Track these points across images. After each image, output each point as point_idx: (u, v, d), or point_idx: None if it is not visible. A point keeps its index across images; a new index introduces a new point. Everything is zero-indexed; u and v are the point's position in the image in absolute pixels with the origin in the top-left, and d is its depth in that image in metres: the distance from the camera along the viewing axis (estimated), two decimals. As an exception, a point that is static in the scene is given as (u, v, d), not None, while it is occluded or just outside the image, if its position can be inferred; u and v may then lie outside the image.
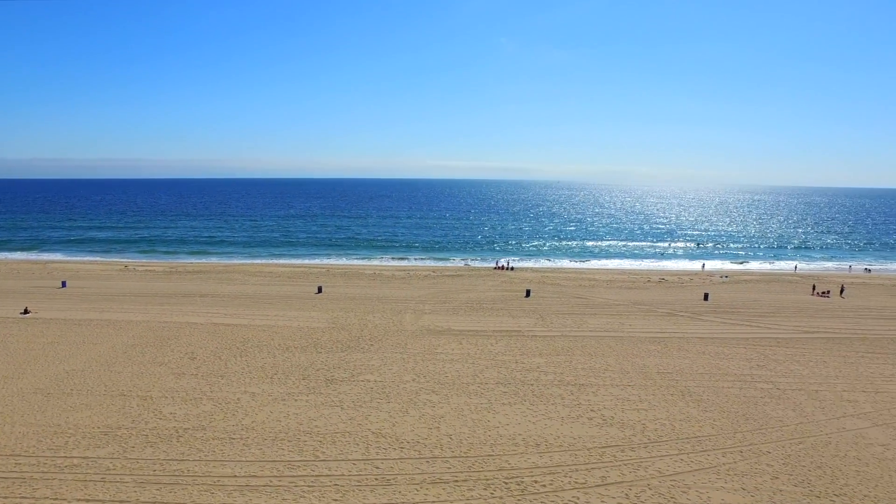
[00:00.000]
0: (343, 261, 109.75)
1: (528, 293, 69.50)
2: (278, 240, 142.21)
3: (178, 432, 29.56)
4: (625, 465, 27.32)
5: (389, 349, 45.03)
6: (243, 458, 26.97)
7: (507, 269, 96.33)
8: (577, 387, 37.59)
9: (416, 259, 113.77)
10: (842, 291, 76.66)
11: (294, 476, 25.54)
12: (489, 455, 27.78)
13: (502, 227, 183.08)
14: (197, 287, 72.14)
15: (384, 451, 27.97)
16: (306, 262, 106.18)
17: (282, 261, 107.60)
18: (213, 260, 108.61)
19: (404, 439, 29.19)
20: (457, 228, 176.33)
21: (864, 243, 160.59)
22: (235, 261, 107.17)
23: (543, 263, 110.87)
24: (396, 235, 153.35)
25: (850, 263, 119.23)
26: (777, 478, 26.77)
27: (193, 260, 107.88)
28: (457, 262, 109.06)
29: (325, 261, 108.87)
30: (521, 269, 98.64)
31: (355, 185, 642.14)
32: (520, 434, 30.21)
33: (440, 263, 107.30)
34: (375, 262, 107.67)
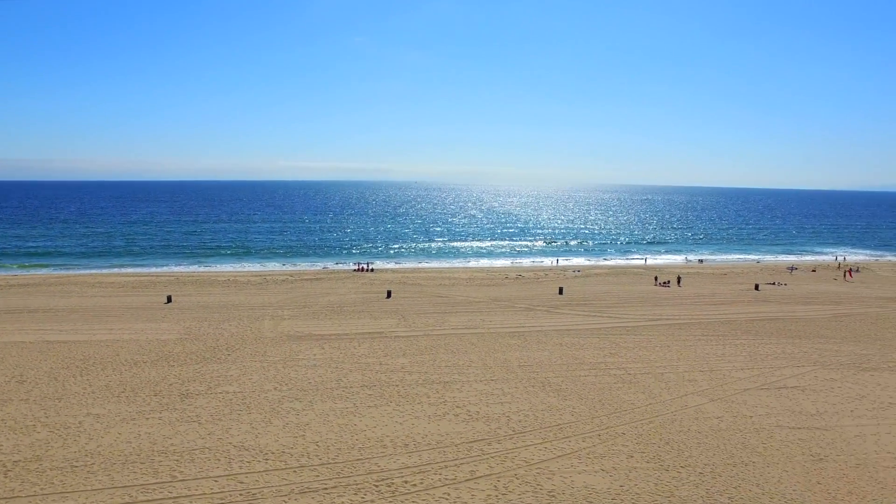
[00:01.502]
0: (194, 268, 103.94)
1: (388, 294, 69.42)
2: (120, 248, 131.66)
3: (5, 467, 26.33)
4: (492, 457, 27.82)
5: (248, 358, 43.09)
6: (88, 488, 24.53)
7: (368, 270, 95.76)
8: (442, 384, 37.90)
9: (273, 264, 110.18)
10: (679, 281, 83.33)
11: (150, 500, 23.60)
12: (358, 459, 27.25)
13: (363, 229, 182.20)
14: (24, 302, 65.20)
15: (248, 464, 26.60)
16: (153, 270, 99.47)
17: (125, 270, 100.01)
18: (44, 272, 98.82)
19: (269, 450, 27.95)
20: (315, 231, 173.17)
21: (702, 237, 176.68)
22: (71, 272, 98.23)
23: (404, 264, 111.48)
24: (251, 240, 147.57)
25: (686, 255, 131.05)
26: (632, 457, 28.41)
27: (20, 273, 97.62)
28: (316, 266, 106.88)
29: (175, 269, 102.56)
30: (382, 270, 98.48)
31: (204, 188, 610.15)
32: (387, 435, 29.92)
33: (298, 267, 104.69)
34: (229, 269, 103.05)
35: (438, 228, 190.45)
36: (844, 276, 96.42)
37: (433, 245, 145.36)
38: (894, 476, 27.45)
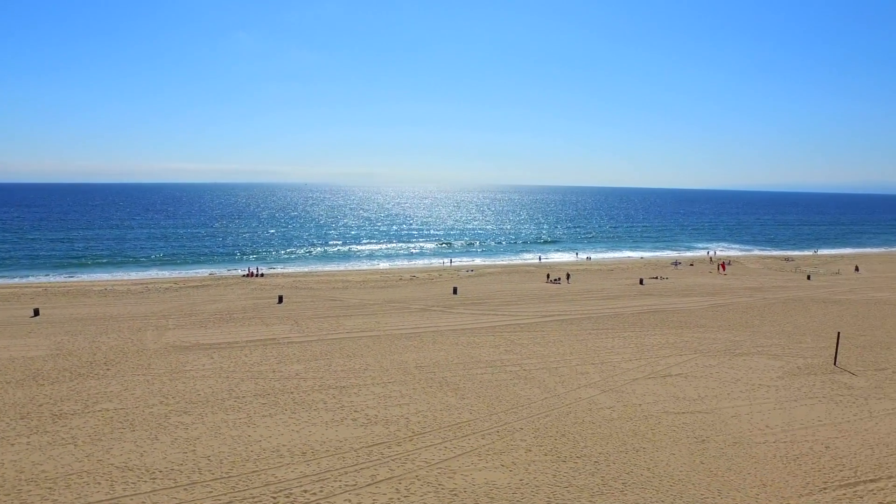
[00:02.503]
0: (65, 279, 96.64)
1: (280, 299, 67.46)
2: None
3: None
4: (393, 460, 27.46)
5: (130, 372, 40.38)
6: (-57, 523, 22.07)
7: (258, 275, 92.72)
8: (338, 389, 37.12)
9: (154, 271, 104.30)
10: (568, 278, 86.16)
11: (16, 532, 21.51)
12: (253, 471, 26.09)
13: (251, 233, 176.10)
14: None
15: (133, 485, 24.82)
16: (16, 282, 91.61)
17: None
18: None
19: (156, 469, 26.23)
20: (199, 237, 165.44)
21: (591, 236, 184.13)
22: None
23: (296, 268, 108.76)
24: (129, 247, 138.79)
25: (576, 253, 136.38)
26: (530, 450, 28.90)
27: None
28: (202, 272, 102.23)
29: (42, 279, 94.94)
30: (273, 274, 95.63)
31: (74, 192, 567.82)
32: (284, 445, 28.88)
33: (182, 274, 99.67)
34: (106, 277, 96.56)
35: (331, 231, 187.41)
36: (718, 269, 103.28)
37: (326, 248, 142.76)
38: (765, 450, 29.52)
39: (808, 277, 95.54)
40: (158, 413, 32.81)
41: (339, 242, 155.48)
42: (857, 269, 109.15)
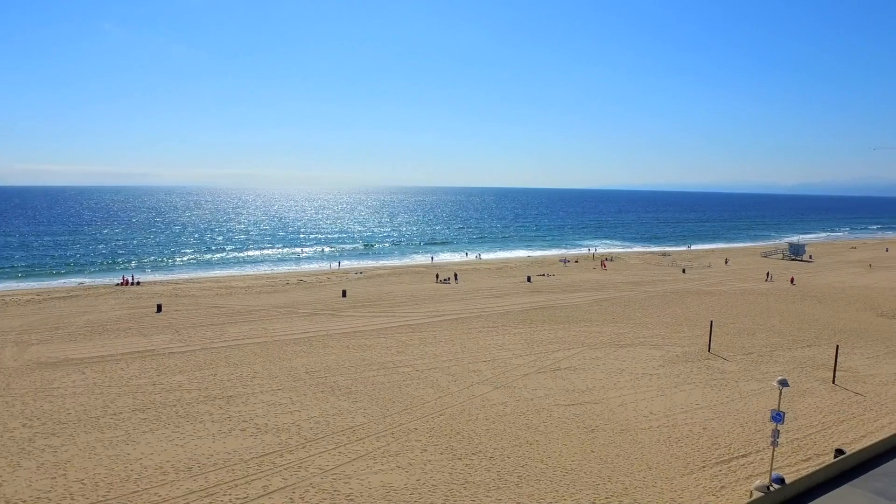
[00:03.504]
0: None
1: (159, 308, 63.79)
2: None
3: None
4: (285, 469, 26.49)
5: (-13, 393, 36.66)
6: None
7: (134, 284, 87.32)
8: (225, 399, 35.46)
9: (11, 283, 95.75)
10: (455, 278, 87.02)
11: None
12: (134, 492, 24.34)
13: (125, 240, 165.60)
14: None
15: (-10, 517, 22.48)
16: None
17: None
18: None
19: (19, 499, 23.88)
20: (65, 245, 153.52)
21: (481, 236, 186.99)
22: None
23: (176, 275, 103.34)
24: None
25: (466, 252, 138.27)
26: (426, 450, 28.77)
27: None
28: (70, 283, 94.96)
29: None
30: (151, 283, 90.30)
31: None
32: (168, 461, 27.16)
33: (46, 285, 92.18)
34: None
35: (213, 236, 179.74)
36: (601, 265, 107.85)
37: (208, 254, 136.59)
38: (650, 435, 30.97)
39: (684, 271, 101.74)
40: (21, 437, 29.93)
41: (223, 247, 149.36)
42: (727, 261, 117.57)
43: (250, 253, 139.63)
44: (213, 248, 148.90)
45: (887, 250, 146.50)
